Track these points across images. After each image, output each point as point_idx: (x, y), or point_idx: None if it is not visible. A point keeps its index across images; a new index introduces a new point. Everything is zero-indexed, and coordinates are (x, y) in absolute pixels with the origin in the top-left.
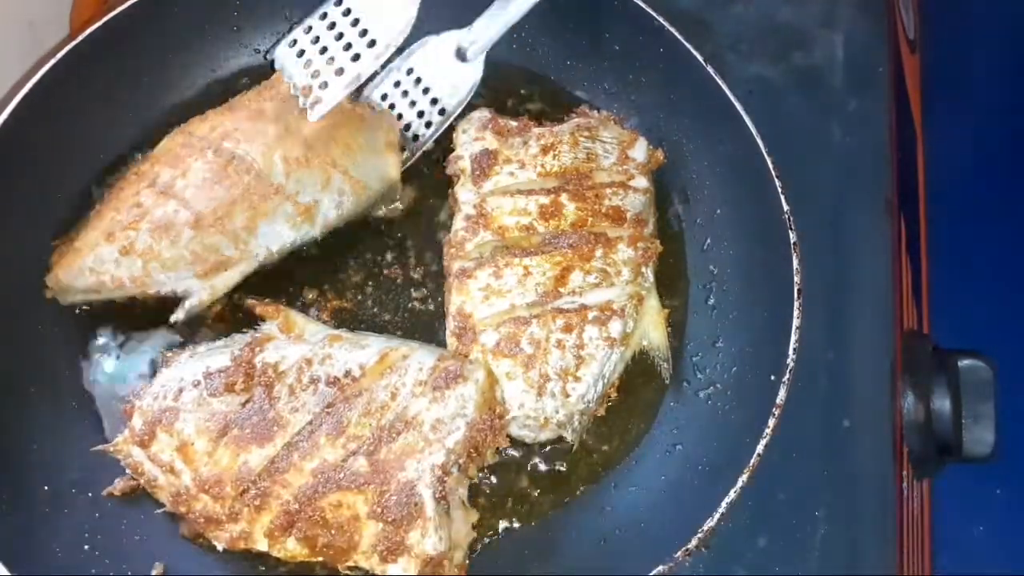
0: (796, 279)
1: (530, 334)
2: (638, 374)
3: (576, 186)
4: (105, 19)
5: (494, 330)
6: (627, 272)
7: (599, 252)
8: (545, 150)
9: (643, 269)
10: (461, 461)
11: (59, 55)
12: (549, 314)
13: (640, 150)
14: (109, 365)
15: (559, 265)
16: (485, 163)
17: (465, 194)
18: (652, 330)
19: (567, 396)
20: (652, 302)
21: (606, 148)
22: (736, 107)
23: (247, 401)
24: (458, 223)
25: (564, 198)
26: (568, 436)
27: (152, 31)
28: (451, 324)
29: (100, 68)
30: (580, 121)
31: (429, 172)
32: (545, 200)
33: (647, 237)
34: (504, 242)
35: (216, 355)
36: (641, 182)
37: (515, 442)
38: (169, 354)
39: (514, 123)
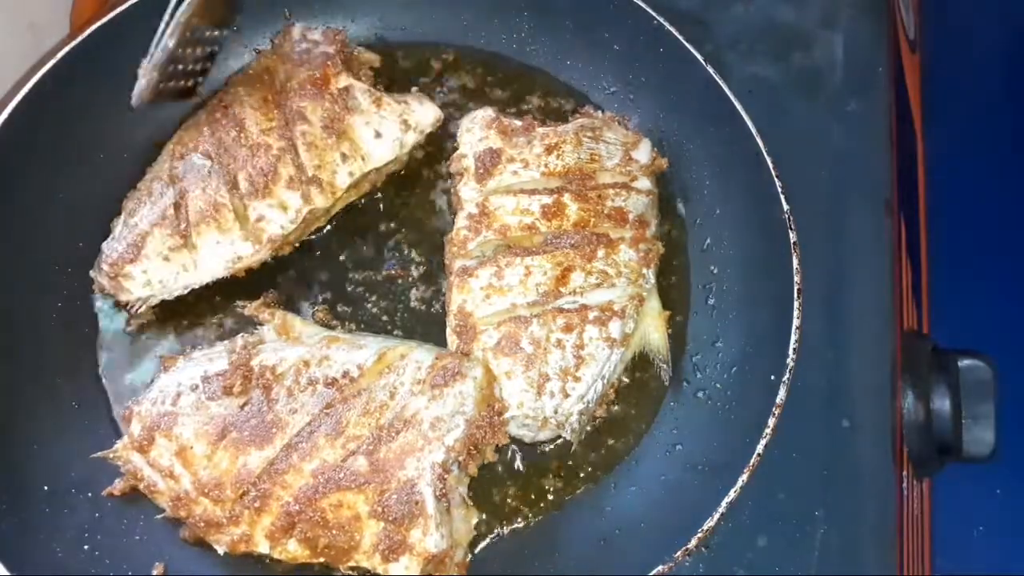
0: (796, 279)
1: (530, 333)
2: (638, 374)
3: (579, 186)
4: (105, 19)
5: (495, 329)
6: (628, 273)
7: (601, 253)
8: (549, 150)
9: (644, 270)
10: (461, 459)
11: (59, 55)
12: (550, 314)
13: (643, 152)
14: None
15: (560, 265)
16: (489, 162)
17: (468, 192)
18: (652, 332)
19: (566, 396)
20: (653, 304)
21: (609, 149)
22: (736, 107)
23: (245, 404)
24: (460, 221)
25: (567, 198)
26: (567, 435)
27: (152, 31)
28: (452, 322)
29: (100, 68)
30: (584, 122)
31: (431, 170)
32: (548, 200)
33: (649, 239)
34: (506, 241)
35: (214, 359)
36: (644, 183)
37: (515, 441)
38: (167, 359)
39: (518, 122)
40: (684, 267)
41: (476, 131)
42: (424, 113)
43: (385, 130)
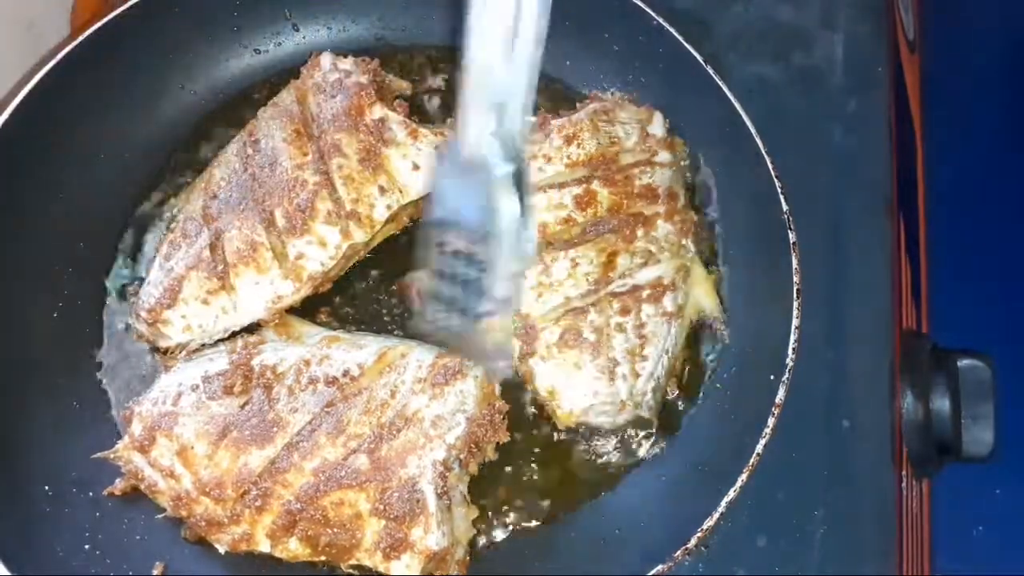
0: (796, 279)
1: (590, 322)
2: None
3: (605, 171)
4: (105, 19)
5: (554, 324)
6: (669, 247)
7: (640, 232)
8: (568, 141)
9: (684, 241)
10: (462, 457)
11: (59, 56)
12: (604, 300)
13: (658, 125)
14: None
15: (604, 251)
16: None
17: None
18: (703, 297)
19: (637, 376)
20: (698, 270)
21: (626, 129)
22: (736, 107)
23: (246, 403)
24: None
25: (596, 185)
26: (645, 415)
27: (152, 32)
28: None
29: (101, 69)
30: (596, 106)
31: None
32: (578, 190)
33: (681, 209)
34: (545, 238)
35: (214, 359)
36: (665, 156)
37: (593, 430)
38: (167, 359)
39: (531, 118)
40: None
41: None
42: None
43: (423, 162)
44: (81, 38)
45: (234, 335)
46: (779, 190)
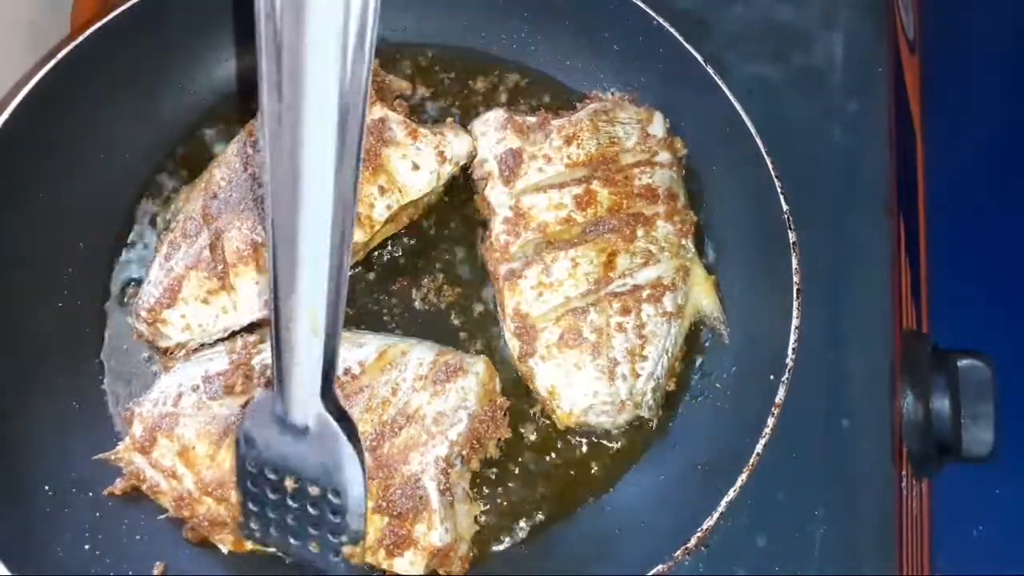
0: (796, 279)
1: (590, 322)
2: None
3: (605, 171)
4: (106, 19)
5: (554, 324)
6: (669, 247)
7: (640, 232)
8: (568, 141)
9: (683, 241)
10: (464, 453)
11: (59, 56)
12: (605, 300)
13: (658, 125)
14: None
15: (604, 251)
16: (512, 162)
17: (498, 196)
18: (703, 298)
19: (637, 376)
20: (698, 271)
21: (626, 130)
22: (736, 107)
23: (247, 403)
24: (497, 227)
25: (596, 185)
26: (645, 414)
27: (152, 32)
28: (510, 326)
29: (101, 69)
30: (596, 106)
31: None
32: (578, 190)
33: (681, 210)
34: (546, 238)
35: (214, 359)
36: (665, 156)
37: (587, 430)
38: (167, 359)
39: (531, 118)
40: None
41: (491, 133)
42: (460, 145)
43: (422, 162)
44: (81, 38)
45: (234, 335)
46: (779, 190)
